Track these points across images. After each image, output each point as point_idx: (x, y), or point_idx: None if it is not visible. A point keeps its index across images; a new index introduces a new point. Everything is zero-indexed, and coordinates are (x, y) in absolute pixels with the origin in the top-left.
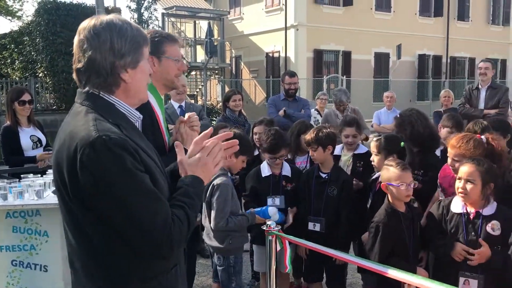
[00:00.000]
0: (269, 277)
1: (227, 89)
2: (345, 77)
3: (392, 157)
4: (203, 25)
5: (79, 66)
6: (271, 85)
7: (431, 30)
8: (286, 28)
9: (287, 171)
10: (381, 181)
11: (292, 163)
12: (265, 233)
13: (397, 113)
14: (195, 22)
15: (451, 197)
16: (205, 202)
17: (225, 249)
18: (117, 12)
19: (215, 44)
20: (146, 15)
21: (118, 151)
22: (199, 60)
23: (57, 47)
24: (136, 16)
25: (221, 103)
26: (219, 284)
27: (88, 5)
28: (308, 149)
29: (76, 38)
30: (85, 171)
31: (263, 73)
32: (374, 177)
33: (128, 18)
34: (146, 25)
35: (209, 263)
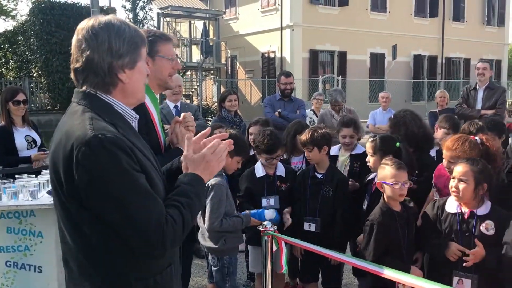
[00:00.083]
0: (264, 278)
1: (222, 89)
2: (340, 77)
3: (389, 157)
4: (198, 25)
5: (77, 65)
6: (267, 85)
7: (426, 30)
8: (281, 28)
9: (281, 171)
10: (377, 179)
11: (288, 163)
12: (261, 234)
13: (393, 114)
14: (190, 22)
15: (446, 197)
16: None
17: (219, 250)
18: (112, 11)
19: (211, 44)
20: (141, 15)
21: (114, 150)
22: (194, 60)
23: (51, 47)
24: (131, 16)
25: (216, 103)
26: (214, 284)
27: (83, 5)
28: (303, 150)
29: (74, 38)
30: (80, 169)
31: (258, 73)
32: (369, 178)
33: (123, 18)
34: (141, 25)
35: (205, 264)
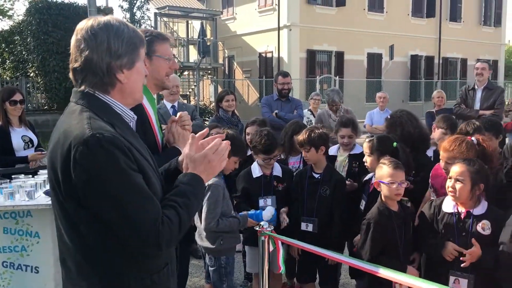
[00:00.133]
0: (261, 278)
1: (220, 89)
2: (338, 77)
3: (387, 157)
4: (195, 25)
5: (75, 65)
6: (264, 85)
7: (424, 30)
8: (279, 28)
9: (278, 171)
10: (375, 179)
11: (285, 163)
12: (258, 234)
13: (389, 114)
14: (187, 22)
15: (443, 197)
16: None
17: (216, 250)
18: (109, 11)
19: (208, 44)
20: (138, 14)
21: (111, 149)
22: (191, 60)
23: (48, 47)
24: (128, 15)
25: (214, 103)
26: (211, 285)
27: (80, 5)
28: (301, 150)
29: (73, 38)
30: (78, 168)
31: (256, 73)
32: (366, 178)
33: (120, 18)
34: (138, 25)
35: (202, 264)
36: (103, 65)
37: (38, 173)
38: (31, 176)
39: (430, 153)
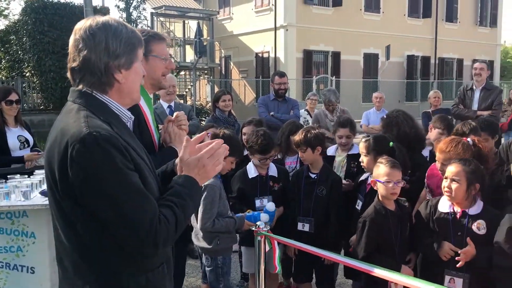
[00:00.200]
0: (258, 278)
1: (216, 89)
2: (334, 77)
3: (385, 156)
4: (192, 25)
5: (73, 65)
6: (261, 85)
7: (420, 31)
8: (275, 28)
9: (273, 171)
10: (373, 177)
11: (282, 163)
12: (254, 234)
13: (385, 114)
14: (184, 21)
15: (439, 196)
16: None
17: (213, 250)
18: (105, 11)
19: (205, 44)
20: (135, 14)
21: (108, 148)
22: (188, 60)
23: (44, 46)
24: (124, 15)
25: (210, 103)
26: (208, 285)
27: (76, 4)
28: (297, 150)
29: (71, 37)
30: (75, 166)
31: (252, 73)
32: (362, 178)
33: (116, 17)
34: (135, 25)
35: (198, 264)
36: (101, 65)
37: (34, 173)
38: (27, 176)
39: (425, 153)
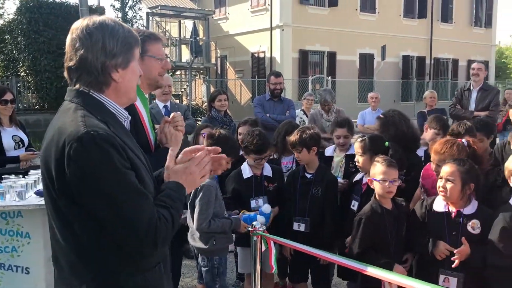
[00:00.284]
0: (253, 278)
1: (212, 89)
2: (330, 77)
3: (382, 155)
4: (188, 24)
5: (70, 64)
6: (257, 85)
7: (415, 31)
8: (271, 28)
9: (268, 172)
10: (369, 176)
11: (278, 163)
12: (250, 234)
13: (381, 113)
14: (180, 21)
15: (434, 196)
16: (189, 203)
17: (209, 250)
18: (100, 11)
19: (200, 44)
20: (130, 14)
21: (105, 147)
22: (184, 60)
23: (39, 46)
24: (120, 15)
25: (206, 103)
26: (203, 285)
27: (71, 4)
28: (293, 151)
29: (68, 37)
30: (72, 165)
31: (248, 73)
32: (357, 178)
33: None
34: (130, 25)
35: (194, 264)
36: (98, 64)
37: (29, 173)
38: (21, 176)
39: (420, 153)
